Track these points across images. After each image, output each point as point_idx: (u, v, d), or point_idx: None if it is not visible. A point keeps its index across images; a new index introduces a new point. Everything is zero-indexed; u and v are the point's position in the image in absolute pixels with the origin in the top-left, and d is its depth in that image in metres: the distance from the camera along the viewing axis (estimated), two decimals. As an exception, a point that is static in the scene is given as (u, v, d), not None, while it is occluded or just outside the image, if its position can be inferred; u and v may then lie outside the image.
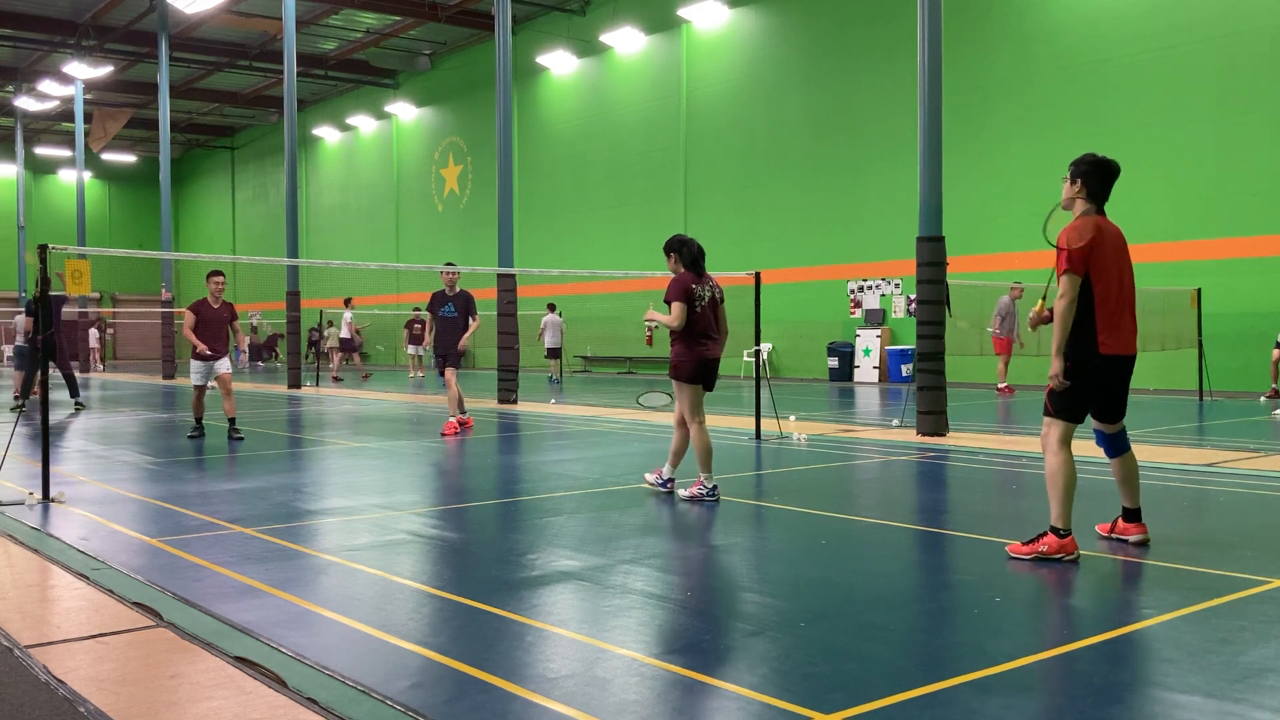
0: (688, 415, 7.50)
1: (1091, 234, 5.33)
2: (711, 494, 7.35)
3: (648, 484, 7.85)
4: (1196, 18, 18.46)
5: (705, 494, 7.34)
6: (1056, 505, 5.38)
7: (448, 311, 12.44)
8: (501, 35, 17.94)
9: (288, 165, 24.10)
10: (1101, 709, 3.32)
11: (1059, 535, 5.38)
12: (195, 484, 8.56)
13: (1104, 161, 5.49)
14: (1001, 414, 14.65)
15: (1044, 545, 5.39)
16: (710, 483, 7.40)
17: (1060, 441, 5.46)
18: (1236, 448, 10.14)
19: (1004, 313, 18.22)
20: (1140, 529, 5.79)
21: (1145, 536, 5.78)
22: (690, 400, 7.46)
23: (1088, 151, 5.68)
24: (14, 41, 33.96)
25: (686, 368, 7.41)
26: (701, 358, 7.38)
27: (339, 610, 4.56)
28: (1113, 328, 5.39)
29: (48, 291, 7.85)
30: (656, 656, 3.88)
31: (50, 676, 3.71)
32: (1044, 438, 5.55)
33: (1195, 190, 18.50)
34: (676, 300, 7.33)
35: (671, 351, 7.46)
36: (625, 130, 29.67)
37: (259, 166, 48.23)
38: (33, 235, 45.57)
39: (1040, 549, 5.39)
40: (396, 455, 10.67)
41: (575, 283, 30.17)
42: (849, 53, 23.91)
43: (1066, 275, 5.31)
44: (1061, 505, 5.36)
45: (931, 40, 11.88)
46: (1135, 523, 5.80)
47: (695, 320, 7.35)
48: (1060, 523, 5.38)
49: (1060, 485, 5.38)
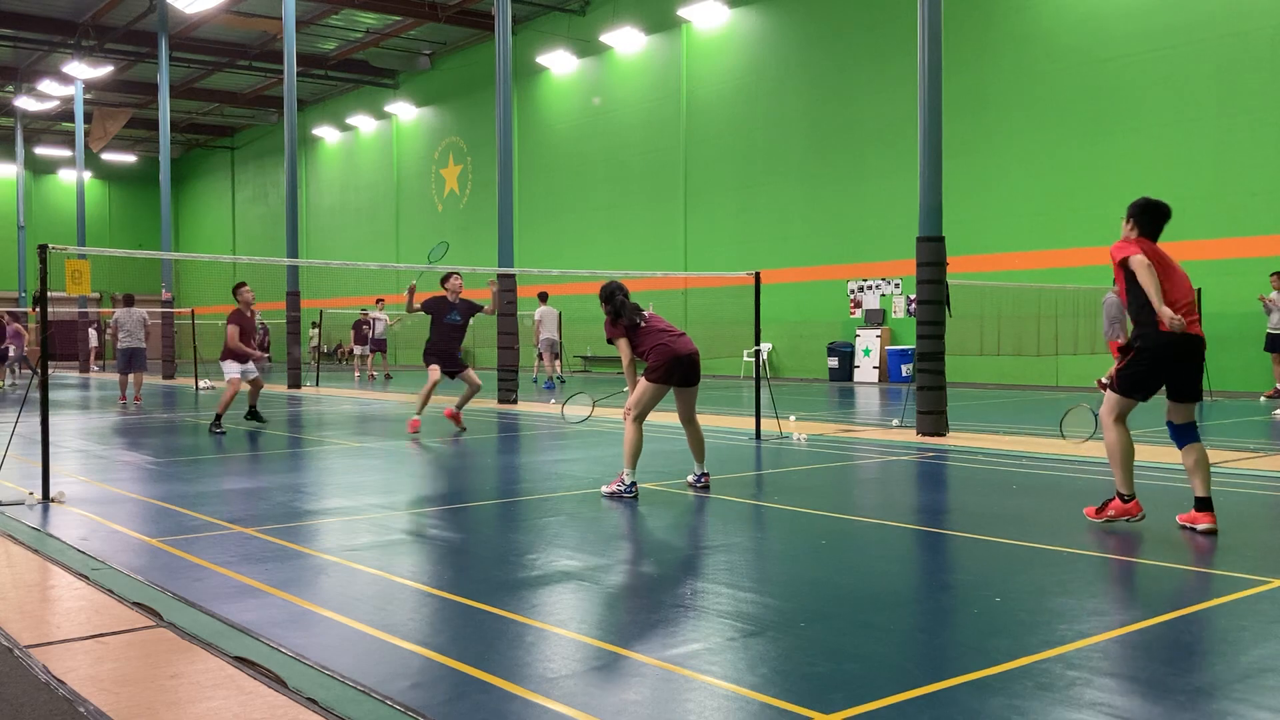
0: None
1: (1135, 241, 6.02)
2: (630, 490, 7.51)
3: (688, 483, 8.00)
4: (1196, 18, 18.46)
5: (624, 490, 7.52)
6: (1120, 473, 6.06)
7: (452, 319, 12.45)
8: (501, 35, 17.94)
9: (288, 165, 24.10)
10: (1102, 709, 3.32)
11: (1123, 500, 6.08)
12: (195, 484, 8.56)
13: (1155, 205, 6.09)
14: (1013, 414, 14.65)
15: (1111, 509, 6.13)
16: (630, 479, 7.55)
17: (1118, 417, 6.07)
18: (1236, 448, 10.14)
19: (1115, 314, 17.37)
20: (1209, 518, 6.00)
21: (1213, 526, 5.97)
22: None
23: (1142, 196, 6.19)
24: (14, 41, 33.95)
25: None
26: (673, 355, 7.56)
27: (339, 610, 4.56)
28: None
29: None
30: (656, 656, 3.88)
31: (50, 676, 3.71)
32: (1102, 415, 6.20)
33: (1195, 190, 18.50)
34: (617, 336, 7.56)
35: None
36: (625, 130, 29.67)
37: (259, 166, 48.22)
38: (33, 235, 45.54)
39: (1109, 513, 6.14)
40: (396, 455, 10.67)
41: (575, 283, 30.15)
42: (849, 53, 23.92)
43: (1133, 259, 5.81)
44: (1123, 472, 6.05)
45: (932, 40, 11.88)
46: (1205, 511, 6.03)
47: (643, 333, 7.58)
48: (1125, 488, 6.06)
49: (1118, 455, 6.05)
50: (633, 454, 7.49)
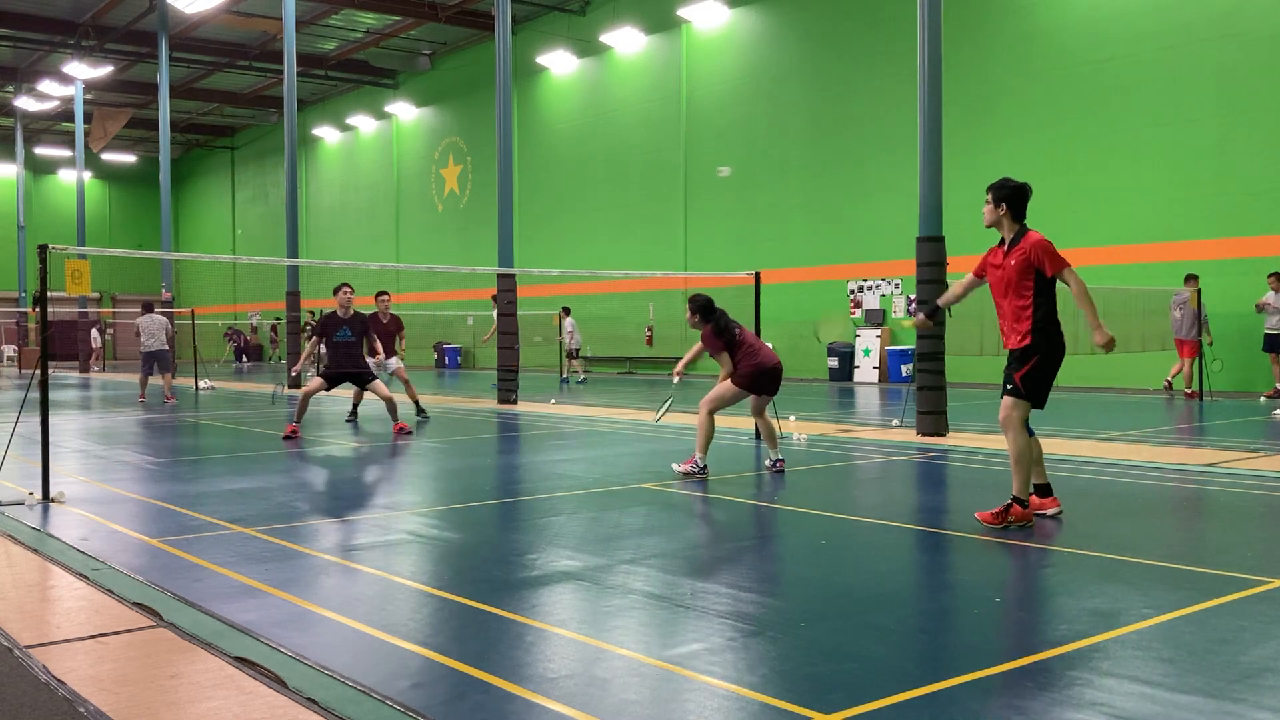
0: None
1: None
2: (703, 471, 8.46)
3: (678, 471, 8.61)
4: (1197, 18, 18.45)
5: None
6: (1021, 477, 6.10)
7: (343, 335, 12.29)
8: (501, 35, 17.94)
9: (288, 165, 24.09)
10: (1102, 709, 3.32)
11: (1023, 505, 6.12)
12: (195, 484, 8.56)
13: (1022, 186, 6.43)
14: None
15: (1012, 515, 6.10)
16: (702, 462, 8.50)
17: (1024, 421, 6.18)
18: (1236, 448, 10.14)
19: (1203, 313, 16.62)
20: (1054, 503, 6.43)
21: (1059, 510, 6.41)
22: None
23: (1005, 176, 6.57)
24: (14, 41, 33.96)
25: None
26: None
27: (339, 610, 4.56)
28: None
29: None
30: (656, 656, 3.88)
31: (50, 676, 3.71)
32: (1009, 420, 6.15)
33: (1195, 190, 18.49)
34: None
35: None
36: (625, 130, 29.66)
37: (259, 166, 48.22)
38: (33, 235, 45.55)
39: (1010, 519, 6.09)
40: (397, 455, 10.68)
41: (575, 283, 30.16)
42: (849, 53, 23.91)
43: (1068, 270, 6.38)
44: (1025, 477, 6.12)
45: (931, 40, 11.88)
46: (1048, 496, 6.44)
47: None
48: (1023, 492, 6.13)
49: (1026, 461, 6.12)
50: (705, 441, 8.43)
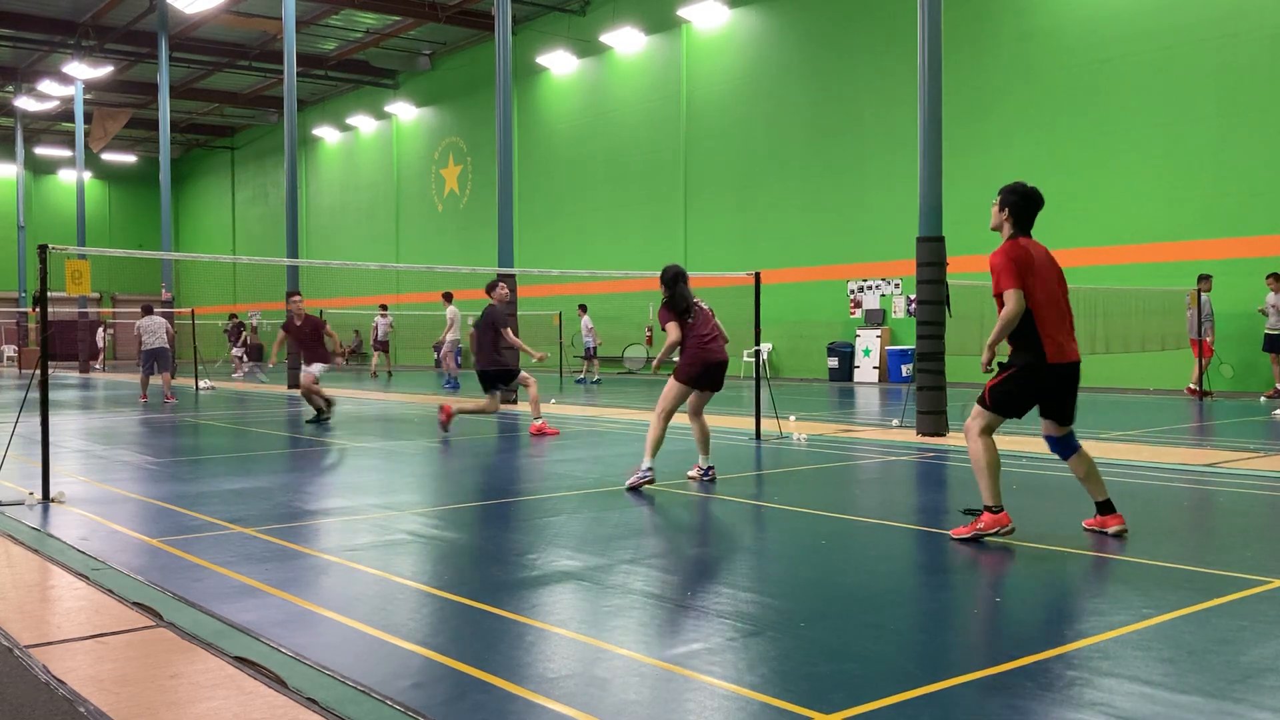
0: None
1: (1018, 254, 5.71)
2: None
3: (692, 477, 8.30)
4: (1196, 18, 18.45)
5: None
6: (987, 485, 5.80)
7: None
8: (501, 35, 17.94)
9: (288, 165, 24.08)
10: (1102, 709, 3.32)
11: (993, 512, 5.79)
12: (195, 484, 8.56)
13: (1031, 193, 5.87)
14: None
15: (981, 523, 5.81)
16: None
17: (984, 430, 5.87)
18: (1236, 448, 10.14)
19: (1207, 312, 16.57)
20: (1118, 520, 5.95)
21: (1124, 527, 5.94)
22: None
23: (1018, 180, 6.04)
24: (14, 41, 33.94)
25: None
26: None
27: (339, 610, 4.56)
28: (1053, 338, 5.75)
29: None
30: (656, 656, 3.88)
31: (50, 676, 3.71)
32: (969, 427, 5.91)
33: (1195, 190, 18.50)
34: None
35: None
36: (625, 130, 29.66)
37: (259, 166, 48.21)
38: (33, 235, 45.54)
39: (978, 527, 5.81)
40: (396, 455, 10.68)
41: (575, 283, 30.16)
42: (849, 52, 23.91)
43: (1008, 293, 5.69)
44: (991, 484, 5.79)
45: (931, 40, 11.88)
46: (1111, 514, 5.97)
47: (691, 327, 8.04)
48: (992, 500, 5.79)
49: (986, 467, 5.80)
50: (653, 447, 7.94)
